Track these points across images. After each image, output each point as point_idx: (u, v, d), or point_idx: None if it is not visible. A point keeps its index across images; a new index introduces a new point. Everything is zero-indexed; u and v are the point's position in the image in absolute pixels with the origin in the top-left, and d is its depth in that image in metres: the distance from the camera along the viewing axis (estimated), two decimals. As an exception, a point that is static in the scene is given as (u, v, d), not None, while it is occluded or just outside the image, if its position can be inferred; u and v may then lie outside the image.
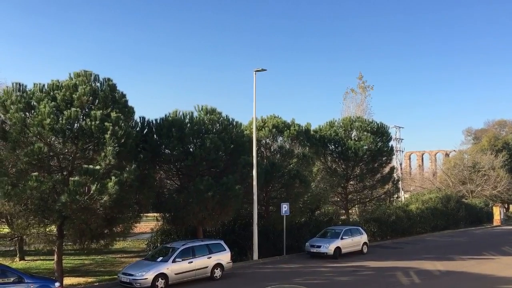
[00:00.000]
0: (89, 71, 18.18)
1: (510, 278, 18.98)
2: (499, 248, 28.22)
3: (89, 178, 15.98)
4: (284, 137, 27.91)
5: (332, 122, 35.20)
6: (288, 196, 26.55)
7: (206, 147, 21.21)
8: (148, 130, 21.95)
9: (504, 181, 52.23)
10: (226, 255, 19.86)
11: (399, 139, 57.46)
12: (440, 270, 21.25)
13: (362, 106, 54.32)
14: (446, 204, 42.24)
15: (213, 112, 23.34)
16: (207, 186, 20.69)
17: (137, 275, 16.96)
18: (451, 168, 57.67)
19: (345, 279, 19.54)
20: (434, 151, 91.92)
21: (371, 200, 36.64)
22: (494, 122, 73.52)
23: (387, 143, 35.27)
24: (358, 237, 26.70)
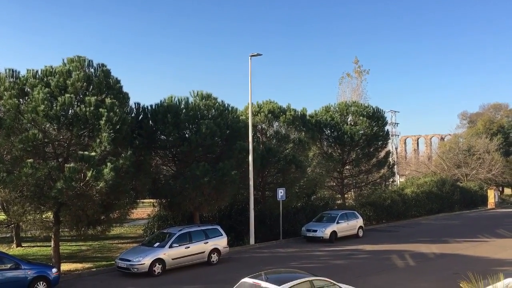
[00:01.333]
0: (83, 57, 17.98)
1: (504, 260, 19.24)
2: (494, 231, 28.53)
3: (84, 165, 15.93)
4: (280, 122, 27.86)
5: (328, 107, 35.15)
6: (284, 181, 26.62)
7: (202, 132, 21.15)
8: (144, 116, 21.84)
9: (498, 164, 52.57)
10: (223, 240, 19.96)
11: (394, 123, 57.58)
12: (435, 252, 21.48)
13: (358, 90, 54.34)
14: (441, 188, 42.56)
15: (209, 98, 23.23)
16: (203, 172, 20.69)
17: (134, 260, 17.05)
18: (446, 152, 57.95)
19: (341, 262, 19.72)
20: (429, 135, 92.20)
21: (367, 185, 36.82)
22: (489, 106, 73.71)
23: (383, 127, 35.31)
24: (353, 221, 26.88)
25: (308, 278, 10.47)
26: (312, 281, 10.37)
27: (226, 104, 23.88)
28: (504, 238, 25.60)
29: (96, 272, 18.19)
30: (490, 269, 15.10)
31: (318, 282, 10.57)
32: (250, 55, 25.04)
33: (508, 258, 19.64)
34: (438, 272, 17.24)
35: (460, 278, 7.49)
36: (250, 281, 10.21)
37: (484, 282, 6.90)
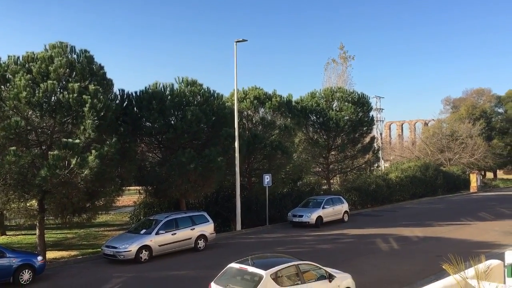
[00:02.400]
0: (65, 43, 17.70)
1: (486, 242, 19.68)
2: (476, 214, 29.09)
3: (68, 152, 15.77)
4: (266, 108, 27.86)
5: (313, 93, 35.21)
6: (270, 167, 26.72)
7: (188, 119, 21.06)
8: (128, 103, 21.64)
9: (481, 149, 53.43)
10: (210, 226, 20.02)
11: (379, 109, 57.95)
12: (418, 236, 21.86)
13: (343, 76, 54.42)
14: (424, 172, 43.16)
15: (194, 84, 23.07)
16: (189, 159, 20.64)
17: (121, 247, 17.03)
18: (430, 137, 58.68)
19: (326, 246, 19.97)
20: (413, 120, 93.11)
21: (352, 170, 37.17)
22: (472, 91, 74.48)
23: (368, 113, 35.54)
24: (339, 206, 27.16)
25: (294, 262, 10.59)
26: (298, 265, 10.49)
27: (211, 90, 23.77)
28: (486, 221, 26.13)
29: (82, 260, 18.14)
30: (472, 251, 15.45)
31: (304, 266, 10.70)
32: (235, 41, 24.88)
33: (489, 241, 20.10)
34: (421, 255, 17.58)
35: (442, 261, 7.64)
36: (237, 266, 10.29)
37: (466, 264, 7.06)
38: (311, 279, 10.51)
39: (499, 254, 13.76)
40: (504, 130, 64.84)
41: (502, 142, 61.95)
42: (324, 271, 10.91)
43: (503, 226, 24.11)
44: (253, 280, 9.66)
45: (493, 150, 57.59)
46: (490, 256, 10.77)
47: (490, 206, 33.67)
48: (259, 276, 9.64)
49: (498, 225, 24.54)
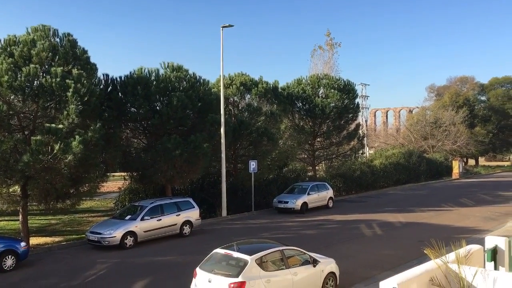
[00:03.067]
0: (48, 26, 17.35)
1: (466, 228, 20.09)
2: (457, 200, 29.62)
3: (52, 137, 15.56)
4: (252, 94, 27.80)
5: (299, 80, 35.19)
6: (256, 154, 26.76)
7: (173, 105, 20.91)
8: (113, 88, 21.38)
9: (463, 136, 54.22)
10: (195, 212, 20.04)
11: (365, 96, 58.29)
12: (401, 221, 22.20)
13: (330, 63, 54.41)
14: (408, 159, 43.70)
15: (180, 70, 22.87)
16: (174, 145, 20.55)
17: (106, 233, 16.98)
18: (414, 124, 59.31)
19: (311, 232, 20.17)
20: (398, 108, 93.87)
21: (337, 156, 37.43)
22: (456, 79, 75.20)
23: (354, 100, 35.68)
24: (324, 192, 27.39)
25: (279, 248, 10.69)
26: (283, 251, 10.59)
27: (197, 76, 23.60)
28: (467, 207, 26.63)
29: (66, 246, 18.04)
30: (453, 236, 15.76)
31: (289, 252, 10.81)
32: (222, 26, 24.68)
33: (470, 226, 20.51)
34: (403, 240, 17.88)
35: (424, 245, 7.79)
36: (222, 252, 10.35)
37: (446, 249, 7.20)
38: (295, 264, 10.63)
39: (480, 239, 14.08)
40: (486, 118, 65.79)
41: (484, 129, 62.91)
42: (309, 256, 11.03)
43: (484, 212, 24.61)
44: (238, 265, 9.74)
45: (475, 137, 58.49)
46: (470, 241, 11.01)
47: (471, 192, 34.28)
48: (244, 261, 9.72)
49: (478, 211, 25.03)
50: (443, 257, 7.07)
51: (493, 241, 9.02)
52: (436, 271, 6.86)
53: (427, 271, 6.82)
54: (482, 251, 8.26)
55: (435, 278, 6.75)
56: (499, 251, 8.90)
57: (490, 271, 6.98)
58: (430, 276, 6.77)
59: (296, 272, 10.40)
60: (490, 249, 8.87)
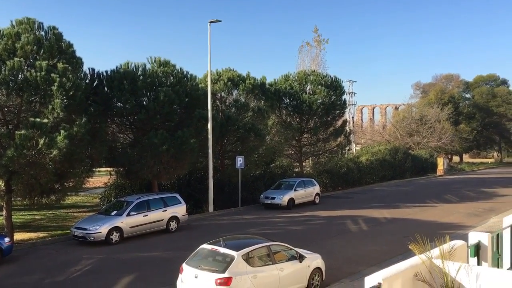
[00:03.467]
0: (32, 19, 17.09)
1: (451, 224, 20.37)
2: (442, 196, 29.99)
3: (36, 132, 15.36)
4: (240, 90, 27.75)
5: (287, 76, 35.21)
6: (243, 149, 26.75)
7: (160, 100, 20.78)
8: (99, 82, 21.17)
9: (448, 133, 54.85)
10: (182, 207, 19.98)
11: (351, 93, 58.60)
12: (386, 217, 22.43)
13: (317, 60, 54.45)
14: (394, 156, 44.09)
15: (167, 65, 22.72)
16: (161, 140, 20.45)
17: (91, 229, 16.85)
18: (400, 121, 59.79)
19: (298, 228, 20.27)
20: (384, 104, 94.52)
21: (324, 153, 37.59)
22: (441, 77, 75.97)
23: (340, 96, 35.82)
24: (311, 188, 27.50)
25: (266, 243, 10.72)
26: (269, 246, 10.63)
27: (184, 71, 23.48)
28: (451, 203, 26.99)
29: (51, 242, 17.86)
30: (437, 232, 15.96)
31: (275, 247, 10.86)
32: (209, 21, 24.55)
33: (454, 222, 20.80)
34: (389, 235, 18.06)
35: (409, 241, 7.87)
36: (209, 247, 10.35)
37: (431, 244, 7.29)
38: (282, 259, 10.68)
39: (463, 235, 14.29)
40: (471, 115, 66.64)
41: (469, 127, 63.73)
42: (295, 251, 11.09)
43: (468, 208, 24.97)
44: (225, 261, 9.75)
45: (459, 134, 59.22)
46: (454, 237, 11.16)
47: (456, 188, 34.74)
48: (230, 257, 9.74)
49: (462, 207, 25.39)
50: (428, 253, 7.16)
51: (476, 237, 9.17)
52: (421, 266, 6.95)
53: (412, 267, 6.89)
54: (466, 247, 8.38)
55: (420, 273, 6.84)
56: (482, 247, 9.05)
57: (473, 267, 7.09)
58: (415, 271, 6.85)
59: (282, 268, 10.45)
60: (473, 244, 9.01)
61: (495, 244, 9.83)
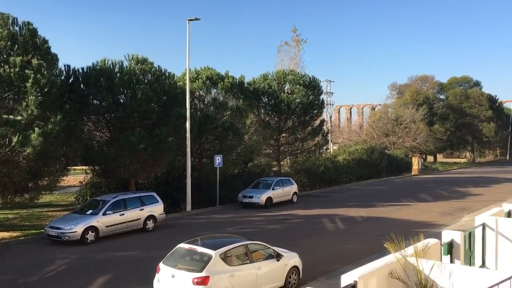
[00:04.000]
0: (6, 14, 16.72)
1: (425, 222, 20.77)
2: (416, 195, 30.53)
3: (10, 129, 15.05)
4: (218, 89, 27.67)
5: (266, 75, 35.27)
6: (221, 148, 26.71)
7: (138, 98, 20.58)
8: (74, 79, 20.84)
9: (423, 133, 55.79)
10: (159, 206, 19.83)
11: (329, 92, 58.96)
12: (362, 216, 22.72)
13: (296, 59, 54.64)
14: (370, 155, 44.62)
15: (145, 62, 22.52)
16: (139, 138, 20.26)
17: (66, 228, 16.57)
18: (376, 121, 60.53)
19: (275, 227, 20.35)
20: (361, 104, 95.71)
21: (302, 152, 37.79)
22: (417, 78, 77.17)
23: (318, 96, 36.09)
24: (288, 187, 27.64)
25: (244, 242, 10.75)
26: (247, 245, 10.66)
27: (163, 69, 23.33)
28: (426, 202, 27.50)
29: (25, 241, 17.48)
30: (412, 230, 16.27)
31: (253, 246, 10.89)
32: (188, 19, 24.39)
33: (428, 221, 21.22)
34: (365, 234, 18.31)
35: (384, 239, 8.01)
36: (186, 246, 10.31)
37: (406, 242, 7.43)
38: (259, 258, 10.72)
39: (437, 233, 14.61)
40: (445, 116, 67.92)
41: (443, 127, 64.93)
42: (272, 250, 11.15)
43: (441, 207, 25.50)
44: (202, 260, 9.73)
45: (434, 134, 60.28)
46: (428, 235, 11.39)
47: (430, 188, 35.40)
48: (208, 256, 9.73)
49: (436, 206, 25.90)
50: (402, 251, 7.29)
51: (449, 235, 9.38)
52: (396, 264, 7.07)
53: (387, 265, 7.01)
54: (439, 245, 8.56)
55: (394, 271, 6.96)
56: (455, 245, 9.26)
57: (446, 264, 7.25)
58: (390, 269, 6.97)
59: (260, 266, 10.49)
60: (446, 243, 9.22)
61: (468, 242, 10.08)
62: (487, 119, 69.58)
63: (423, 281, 7.00)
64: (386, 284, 6.89)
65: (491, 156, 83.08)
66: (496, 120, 72.82)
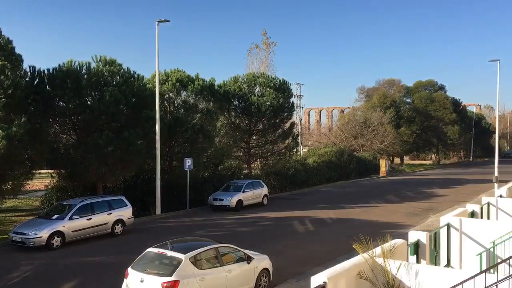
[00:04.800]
0: (-34, 12, 16.15)
1: (392, 223, 21.21)
2: (384, 197, 31.14)
3: (-29, 132, 14.54)
4: (188, 91, 27.51)
5: (236, 78, 35.29)
6: (191, 151, 26.54)
7: (106, 100, 20.24)
8: (40, 81, 20.33)
9: (390, 136, 56.95)
10: (128, 210, 19.51)
11: (299, 95, 59.51)
12: (332, 218, 23.00)
13: (266, 62, 54.98)
14: (339, 158, 45.22)
15: (113, 64, 22.18)
16: (106, 141, 19.92)
17: (31, 233, 16.10)
18: (345, 123, 61.41)
19: (246, 229, 20.36)
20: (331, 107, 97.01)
21: (272, 154, 37.96)
22: (384, 81, 78.68)
23: (289, 99, 36.36)
24: (259, 190, 27.70)
25: (214, 245, 10.71)
26: (217, 248, 10.62)
27: (132, 71, 23.05)
28: (393, 203, 28.08)
29: (-13, 248, 16.89)
30: (380, 231, 16.58)
31: (223, 249, 10.87)
32: (157, 21, 24.16)
33: (395, 221, 21.68)
34: (334, 235, 18.55)
35: (353, 241, 8.14)
36: (155, 251, 10.19)
37: (373, 243, 7.57)
38: (230, 261, 10.70)
39: (404, 233, 14.92)
40: (411, 119, 69.54)
41: (409, 130, 66.48)
42: (243, 253, 11.15)
43: (408, 208, 26.09)
44: (172, 264, 9.64)
45: (401, 137, 61.61)
46: (395, 236, 11.65)
47: (397, 189, 36.15)
48: (178, 260, 9.64)
49: (403, 207, 26.49)
50: (370, 252, 7.42)
51: (415, 236, 9.61)
52: (364, 265, 7.20)
53: (355, 265, 7.12)
54: (406, 245, 8.76)
55: (363, 272, 7.08)
56: (421, 245, 9.49)
57: (412, 264, 7.42)
58: (358, 270, 7.08)
59: (230, 270, 10.48)
60: (412, 243, 9.44)
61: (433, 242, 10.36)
62: (451, 122, 71.65)
63: (391, 281, 7.15)
64: (354, 284, 7.00)
65: (455, 158, 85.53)
66: (460, 123, 75.07)
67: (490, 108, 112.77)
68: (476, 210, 13.66)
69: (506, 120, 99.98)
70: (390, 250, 7.62)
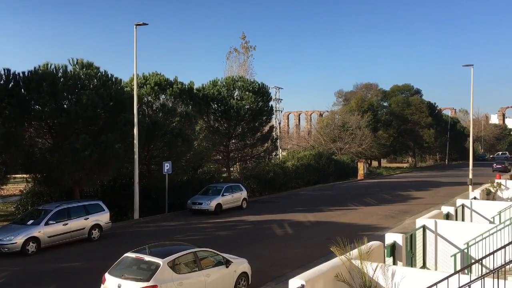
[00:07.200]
0: None
1: (369, 225, 21.48)
2: (362, 200, 31.50)
3: None
4: (167, 95, 27.38)
5: (215, 81, 35.29)
6: (170, 155, 26.38)
7: (83, 103, 19.99)
8: (15, 84, 19.96)
9: (368, 139, 57.68)
10: (105, 215, 19.27)
11: (278, 99, 59.67)
12: (310, 221, 23.16)
13: (245, 66, 54.97)
14: (318, 161, 45.55)
15: (90, 67, 21.93)
16: (83, 145, 19.66)
17: (5, 239, 15.76)
18: (324, 127, 61.94)
19: (225, 233, 20.33)
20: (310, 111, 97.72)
21: (252, 158, 38.02)
22: (361, 85, 79.76)
23: (268, 103, 36.51)
24: (238, 193, 27.70)
25: (192, 249, 10.68)
26: (196, 252, 10.60)
27: (109, 74, 22.81)
28: (370, 206, 28.43)
29: (-42, 255, 16.43)
30: (357, 234, 16.75)
31: (202, 253, 10.85)
32: (136, 24, 23.98)
33: (372, 224, 21.96)
34: (313, 238, 18.68)
35: (331, 243, 8.23)
36: (133, 255, 10.11)
37: (351, 246, 7.68)
38: (208, 265, 10.69)
39: (380, 236, 15.14)
40: (388, 123, 70.62)
41: (386, 133, 67.47)
42: (222, 257, 11.15)
43: (385, 210, 26.46)
44: (150, 269, 9.57)
45: (378, 140, 62.46)
46: (372, 238, 11.80)
47: (374, 192, 36.62)
48: (156, 265, 9.59)
49: (380, 209, 26.85)
50: (347, 254, 7.53)
51: (392, 238, 9.79)
52: (341, 267, 7.30)
53: (333, 268, 7.22)
54: (382, 247, 8.91)
55: (340, 274, 7.18)
56: (397, 247, 9.67)
57: (389, 266, 7.56)
58: (336, 272, 7.18)
59: (209, 274, 10.46)
60: (389, 245, 9.61)
61: (409, 244, 10.55)
62: (427, 125, 73.03)
63: (368, 282, 7.26)
64: (332, 286, 7.09)
65: (431, 161, 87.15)
66: (436, 126, 76.56)
67: (464, 112, 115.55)
68: (451, 212, 13.97)
69: (480, 124, 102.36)
70: (367, 252, 7.74)
